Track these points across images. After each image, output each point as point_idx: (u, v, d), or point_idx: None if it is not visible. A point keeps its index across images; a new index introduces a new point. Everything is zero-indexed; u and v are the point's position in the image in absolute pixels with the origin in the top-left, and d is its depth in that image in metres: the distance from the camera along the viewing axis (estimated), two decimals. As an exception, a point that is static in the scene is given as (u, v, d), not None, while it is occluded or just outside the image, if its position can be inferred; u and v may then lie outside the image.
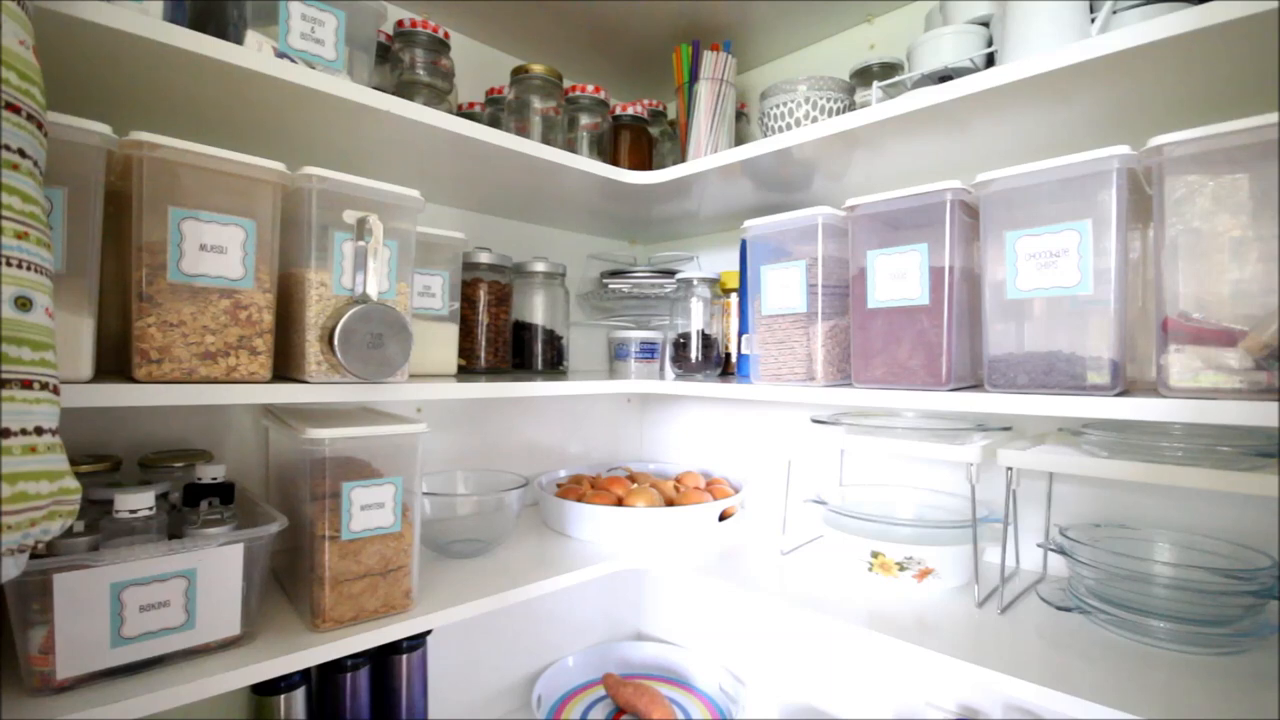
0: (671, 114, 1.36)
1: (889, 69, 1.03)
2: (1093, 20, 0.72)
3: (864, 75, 1.04)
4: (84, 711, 0.59)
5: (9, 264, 0.46)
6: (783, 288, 0.95)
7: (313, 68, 0.74)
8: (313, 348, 0.75)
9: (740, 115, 1.27)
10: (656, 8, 1.17)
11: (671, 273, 1.32)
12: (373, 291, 0.76)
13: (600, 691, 1.33)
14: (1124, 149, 0.67)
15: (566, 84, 1.13)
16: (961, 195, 0.79)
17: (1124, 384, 0.68)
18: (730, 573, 0.99)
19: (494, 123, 1.13)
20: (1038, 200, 0.73)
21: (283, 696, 0.92)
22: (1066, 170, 0.70)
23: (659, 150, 1.30)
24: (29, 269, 0.48)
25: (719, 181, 1.10)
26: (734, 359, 1.21)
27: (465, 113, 1.17)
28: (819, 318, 0.91)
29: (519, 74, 1.07)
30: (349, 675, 0.98)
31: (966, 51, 0.84)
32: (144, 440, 0.91)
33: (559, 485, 1.29)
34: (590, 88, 1.15)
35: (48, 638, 0.60)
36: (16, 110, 0.48)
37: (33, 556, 0.57)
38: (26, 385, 0.47)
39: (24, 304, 0.47)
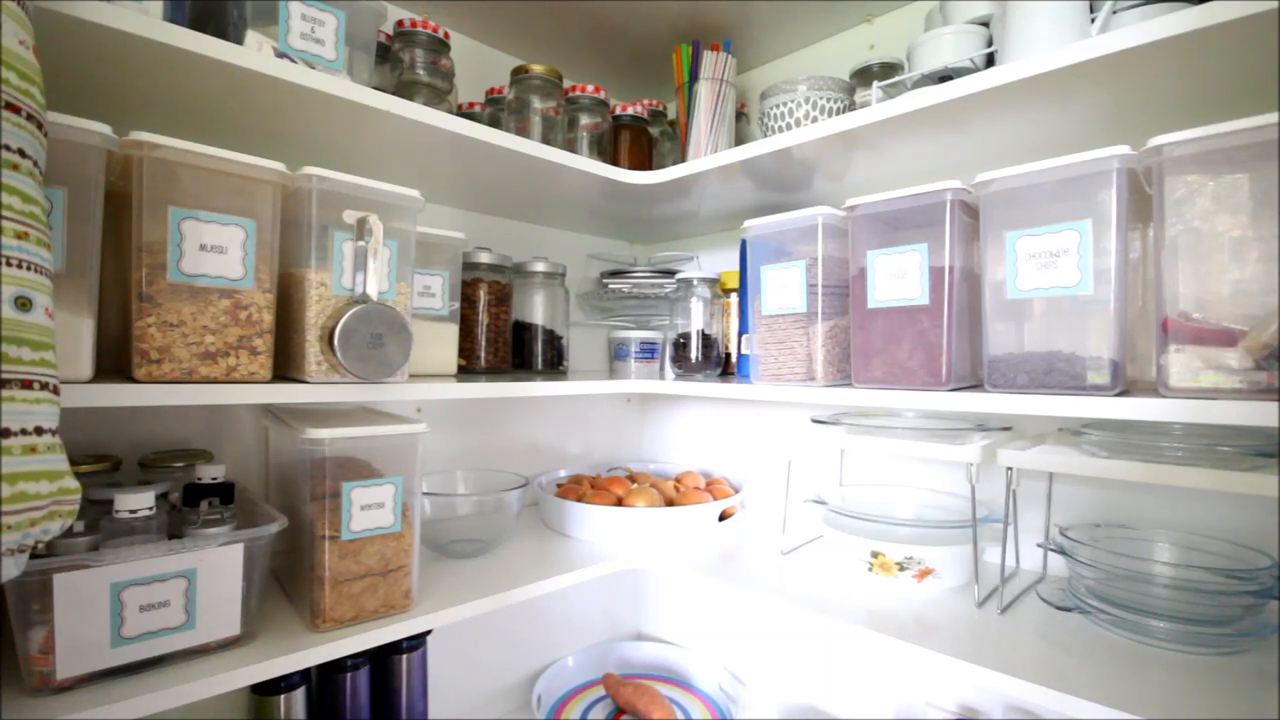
0: (671, 114, 1.36)
1: (889, 69, 1.03)
2: (1093, 20, 0.71)
3: (864, 75, 1.04)
4: (84, 711, 0.59)
5: (9, 264, 0.46)
6: (783, 288, 0.95)
7: (313, 68, 0.74)
8: (313, 348, 0.75)
9: (740, 115, 1.27)
10: (656, 8, 1.17)
11: (671, 273, 1.32)
12: (373, 291, 0.76)
13: (600, 691, 1.33)
14: (1124, 149, 0.67)
15: (566, 84, 1.13)
16: (961, 195, 0.79)
17: (1124, 384, 0.68)
18: (730, 573, 0.99)
19: (494, 123, 1.13)
20: (1038, 200, 0.72)
21: (283, 696, 0.92)
22: (1066, 170, 0.70)
23: (659, 150, 1.30)
24: (29, 269, 0.48)
25: (719, 181, 1.10)
26: (734, 359, 1.21)
27: (465, 113, 1.17)
28: (819, 318, 0.91)
29: (519, 74, 1.07)
30: (349, 675, 0.98)
31: (966, 51, 0.84)
32: (144, 440, 0.91)
33: (559, 485, 1.29)
34: (590, 88, 1.15)
35: (48, 638, 0.60)
36: (16, 110, 0.48)
37: (33, 556, 0.57)
38: (26, 385, 0.47)
39: (24, 304, 0.47)
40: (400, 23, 0.99)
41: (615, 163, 1.19)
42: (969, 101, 0.75)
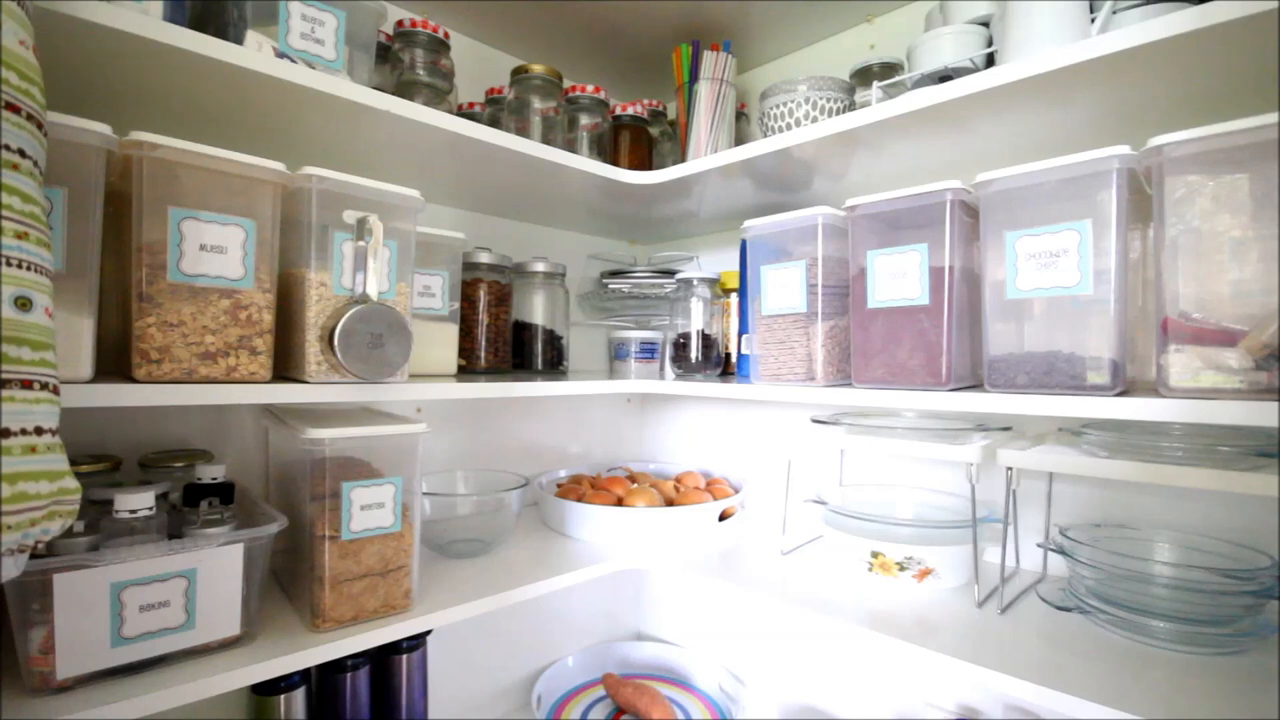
0: (671, 114, 1.36)
1: (889, 69, 1.03)
2: (1093, 20, 0.71)
3: (864, 75, 1.04)
4: (84, 711, 0.59)
5: (9, 264, 0.46)
6: (783, 288, 0.95)
7: (313, 68, 0.74)
8: (313, 348, 0.75)
9: (740, 115, 1.27)
10: (656, 8, 1.17)
11: (671, 273, 1.32)
12: (373, 291, 0.76)
13: (600, 691, 1.33)
14: (1124, 149, 0.67)
15: (566, 84, 1.13)
16: (961, 195, 0.79)
17: (1124, 384, 0.68)
18: (730, 573, 0.99)
19: (494, 123, 1.13)
20: (1038, 200, 0.72)
21: (283, 696, 0.92)
22: (1066, 170, 0.70)
23: (659, 150, 1.30)
24: (29, 269, 0.48)
25: (719, 181, 1.10)
26: (734, 359, 1.21)
27: (465, 113, 1.17)
28: (819, 318, 0.91)
29: (519, 74, 1.07)
30: (349, 675, 0.98)
31: (966, 51, 0.84)
32: (144, 440, 0.91)
33: (559, 485, 1.29)
34: (590, 88, 1.15)
35: (48, 638, 0.60)
36: (16, 110, 0.48)
37: (33, 556, 0.57)
38: (26, 385, 0.47)
39: (24, 304, 0.47)
40: (400, 23, 0.99)
41: (615, 163, 1.19)
42: (969, 101, 0.75)
